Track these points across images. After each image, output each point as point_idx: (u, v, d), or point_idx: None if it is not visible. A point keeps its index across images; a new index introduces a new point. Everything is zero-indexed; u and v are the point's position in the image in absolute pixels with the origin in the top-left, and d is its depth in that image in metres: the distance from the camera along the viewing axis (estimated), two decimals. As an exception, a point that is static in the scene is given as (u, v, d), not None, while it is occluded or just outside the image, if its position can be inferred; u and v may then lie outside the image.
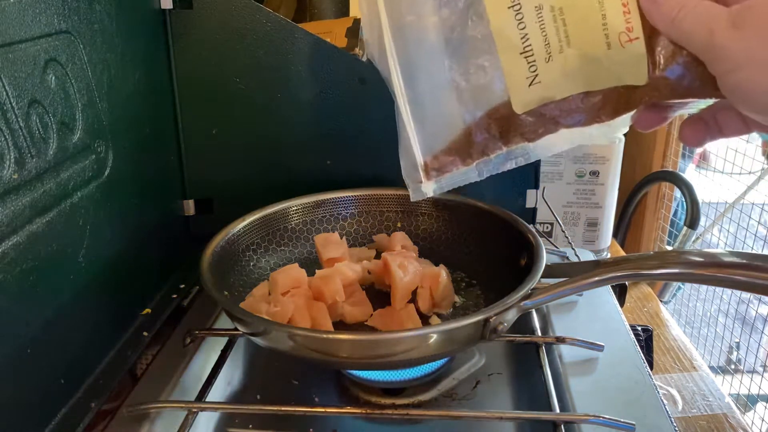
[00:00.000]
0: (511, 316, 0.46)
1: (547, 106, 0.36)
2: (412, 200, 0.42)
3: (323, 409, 0.46)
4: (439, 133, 0.39)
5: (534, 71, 0.35)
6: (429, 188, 0.41)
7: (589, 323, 0.56)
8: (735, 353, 1.21)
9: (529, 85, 0.35)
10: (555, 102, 0.36)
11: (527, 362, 0.54)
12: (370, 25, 0.39)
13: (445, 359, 0.53)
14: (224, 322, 0.56)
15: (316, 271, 0.55)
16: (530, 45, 0.35)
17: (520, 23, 0.34)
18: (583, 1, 0.33)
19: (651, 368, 0.52)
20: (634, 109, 0.36)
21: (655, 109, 0.36)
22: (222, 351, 0.52)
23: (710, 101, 0.35)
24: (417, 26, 0.37)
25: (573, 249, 0.67)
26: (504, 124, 0.37)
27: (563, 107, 0.36)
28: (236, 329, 0.49)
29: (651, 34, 0.32)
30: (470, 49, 0.36)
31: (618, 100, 0.35)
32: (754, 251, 0.82)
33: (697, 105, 0.36)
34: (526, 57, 0.35)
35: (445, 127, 0.39)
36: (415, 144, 0.40)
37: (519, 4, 0.34)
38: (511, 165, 0.40)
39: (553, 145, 0.39)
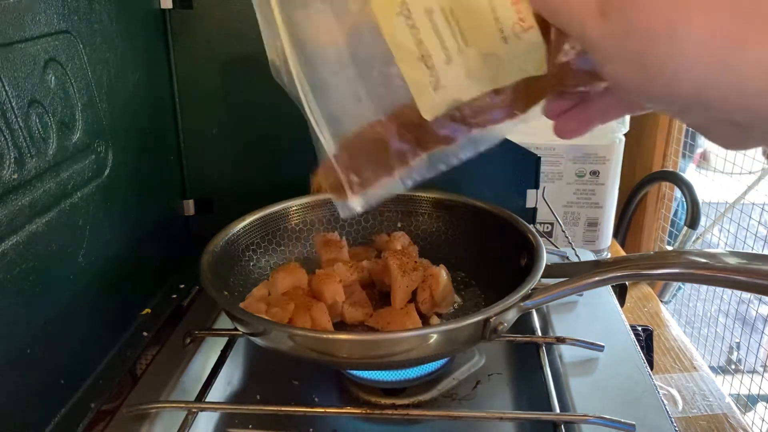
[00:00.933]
0: (511, 316, 0.46)
1: (458, 109, 0.36)
2: (342, 217, 0.42)
3: (323, 409, 0.46)
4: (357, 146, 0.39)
5: (435, 75, 0.34)
6: (356, 203, 0.40)
7: (589, 323, 0.56)
8: (735, 353, 1.21)
9: (434, 89, 0.35)
10: (464, 103, 0.35)
11: (527, 362, 0.54)
12: (273, 48, 0.38)
13: (445, 359, 0.53)
14: (224, 322, 0.56)
15: (316, 271, 0.55)
16: (427, 49, 0.34)
17: (412, 28, 0.34)
18: None
19: (651, 368, 0.51)
20: (543, 98, 0.35)
21: (569, 100, 0.35)
22: (222, 351, 0.52)
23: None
24: (318, 42, 0.37)
25: (573, 249, 0.67)
26: (417, 131, 0.37)
27: (474, 107, 0.35)
28: (236, 329, 0.49)
29: (544, 21, 0.32)
30: (372, 60, 0.36)
31: (526, 92, 0.35)
32: (754, 251, 0.82)
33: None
34: (425, 62, 0.34)
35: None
36: (335, 163, 0.39)
37: (408, 10, 0.33)
38: (434, 171, 0.39)
39: (479, 142, 0.39)
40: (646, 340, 0.59)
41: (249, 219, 0.60)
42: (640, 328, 0.59)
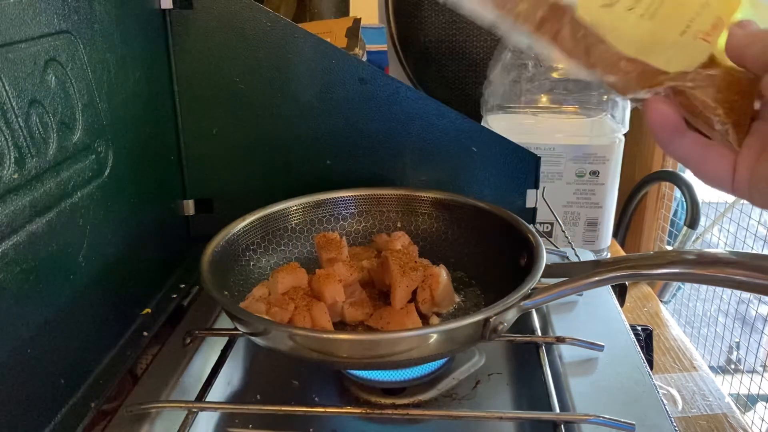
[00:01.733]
0: (511, 316, 0.46)
1: (594, 37, 0.36)
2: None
3: (323, 409, 0.46)
4: None
5: (611, 3, 0.36)
6: None
7: (589, 323, 0.56)
8: (735, 353, 1.21)
9: (600, 5, 0.36)
10: (602, 41, 0.36)
11: (527, 362, 0.54)
12: None
13: (445, 359, 0.53)
14: (224, 322, 0.56)
15: (316, 271, 0.55)
16: None
17: None
18: None
19: (651, 368, 0.52)
20: (650, 87, 0.36)
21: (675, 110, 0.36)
22: (222, 351, 0.52)
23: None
24: None
25: (573, 249, 0.67)
26: (554, 12, 0.37)
27: (605, 53, 0.36)
28: (236, 329, 0.49)
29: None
30: None
31: (643, 76, 0.36)
32: (754, 251, 0.82)
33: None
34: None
35: None
36: None
37: None
38: (518, 41, 0.39)
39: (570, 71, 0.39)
40: (645, 339, 0.59)
41: (249, 219, 0.60)
42: (639, 328, 0.59)
